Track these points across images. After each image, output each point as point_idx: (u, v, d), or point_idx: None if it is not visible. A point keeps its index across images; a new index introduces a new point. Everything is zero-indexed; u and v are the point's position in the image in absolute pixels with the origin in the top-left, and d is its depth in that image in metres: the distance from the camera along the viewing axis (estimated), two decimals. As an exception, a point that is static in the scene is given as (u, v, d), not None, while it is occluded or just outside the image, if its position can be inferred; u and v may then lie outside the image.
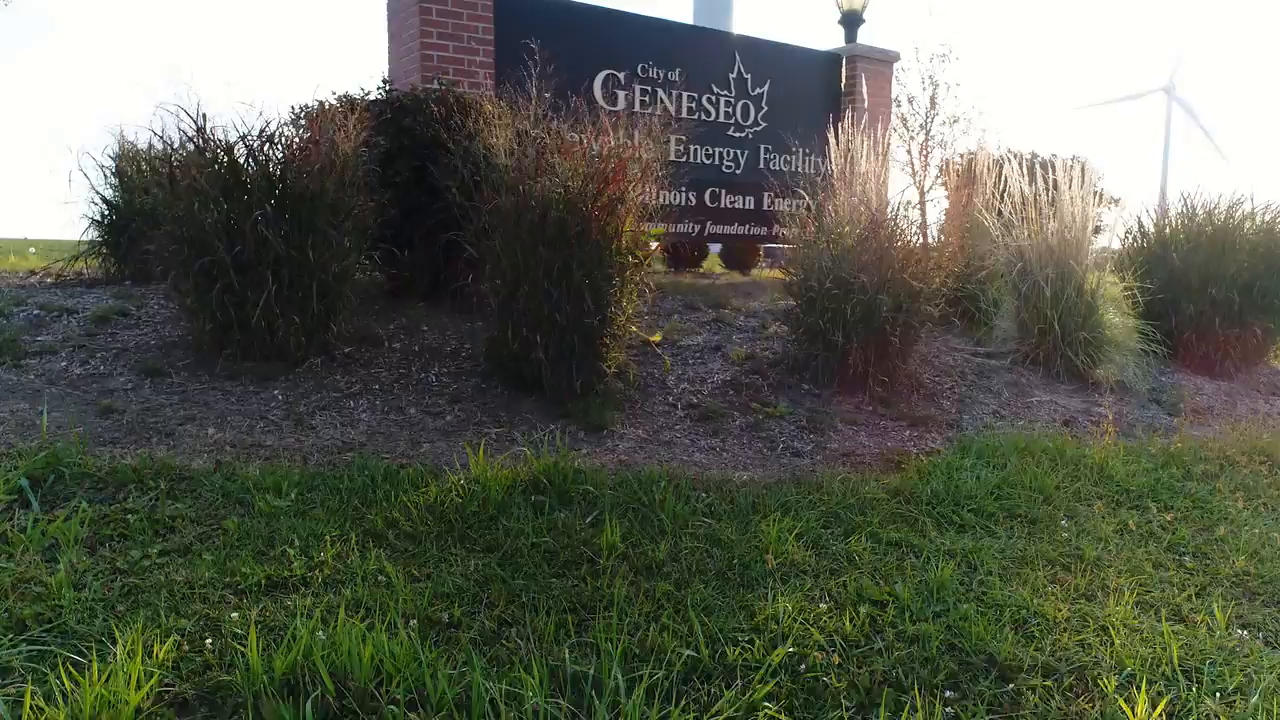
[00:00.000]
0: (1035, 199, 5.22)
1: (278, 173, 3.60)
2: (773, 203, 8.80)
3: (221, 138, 3.74)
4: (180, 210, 3.57)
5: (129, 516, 2.51)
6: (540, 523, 2.66)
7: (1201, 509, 3.25)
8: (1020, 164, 5.88)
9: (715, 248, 10.83)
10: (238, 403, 3.57)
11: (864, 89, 6.84)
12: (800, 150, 8.96)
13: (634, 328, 4.04)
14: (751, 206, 8.66)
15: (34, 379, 3.68)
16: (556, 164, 3.60)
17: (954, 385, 4.73)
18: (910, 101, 11.10)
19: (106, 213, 5.46)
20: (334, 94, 5.17)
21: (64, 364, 3.84)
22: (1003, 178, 5.71)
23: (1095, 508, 3.15)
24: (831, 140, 5.73)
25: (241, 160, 3.61)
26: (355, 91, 5.19)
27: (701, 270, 9.76)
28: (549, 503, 2.79)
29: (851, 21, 9.18)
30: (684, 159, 8.14)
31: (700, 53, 8.20)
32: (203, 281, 3.61)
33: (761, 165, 8.66)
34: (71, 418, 3.31)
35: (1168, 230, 6.24)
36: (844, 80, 9.13)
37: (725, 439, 3.75)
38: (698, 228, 8.31)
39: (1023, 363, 5.17)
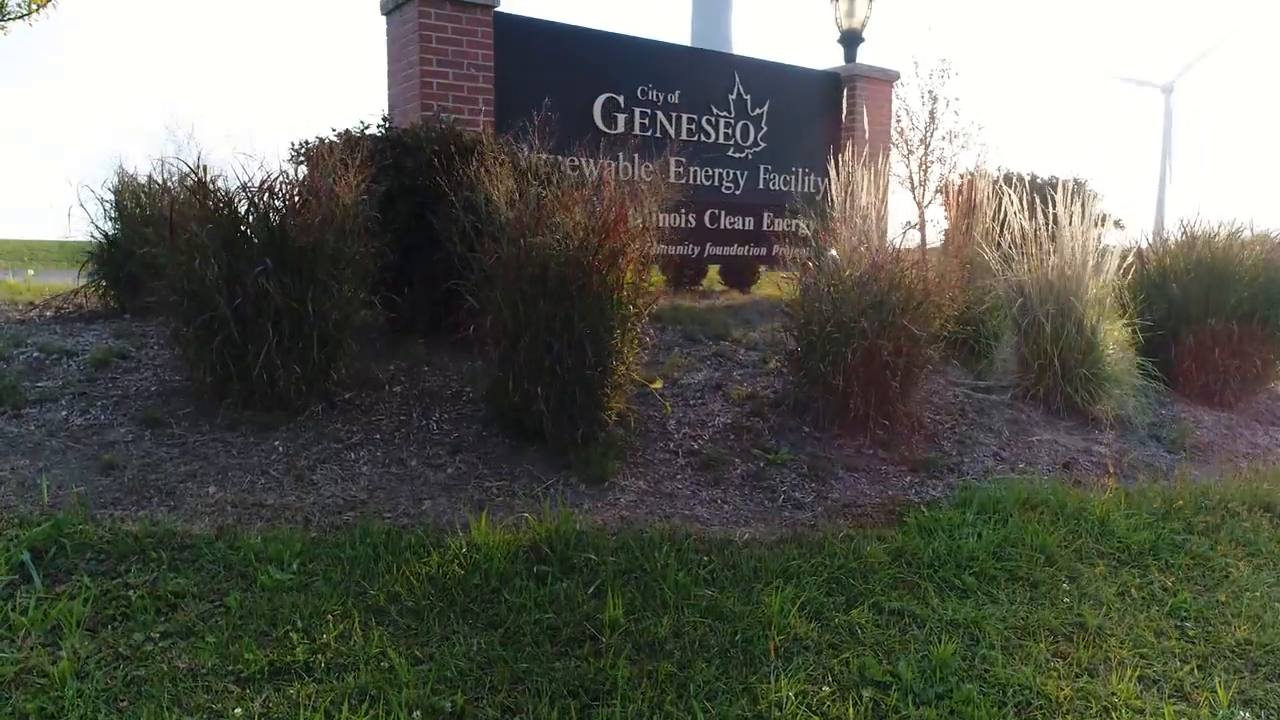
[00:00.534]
0: (1035, 234, 5.22)
1: (278, 224, 3.58)
2: (772, 223, 8.81)
3: (222, 186, 3.73)
4: (180, 261, 3.56)
5: (131, 593, 2.51)
6: (542, 594, 2.66)
7: (1203, 567, 3.25)
8: (1019, 190, 5.88)
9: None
10: (239, 455, 3.57)
11: (864, 117, 6.83)
12: (800, 170, 8.97)
13: (635, 374, 4.03)
14: (751, 227, 8.67)
15: (34, 430, 3.67)
16: (558, 218, 3.59)
17: (954, 424, 4.73)
18: (910, 116, 11.10)
19: (106, 247, 5.44)
20: (334, 130, 5.17)
21: (64, 413, 3.83)
22: (1001, 209, 5.71)
23: (1097, 568, 3.15)
24: (832, 172, 5.73)
25: (242, 211, 3.61)
26: (356, 120, 5.18)
27: (701, 288, 9.74)
28: (551, 572, 2.79)
29: (851, 40, 9.18)
30: (683, 180, 8.12)
31: (700, 74, 8.20)
32: (203, 334, 3.61)
33: (761, 185, 8.67)
34: (73, 474, 3.30)
35: (1167, 260, 6.24)
36: (844, 99, 9.13)
37: (726, 489, 3.75)
38: (698, 249, 8.32)
39: (1023, 398, 5.18)
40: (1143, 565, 3.23)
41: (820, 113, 9.04)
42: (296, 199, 3.60)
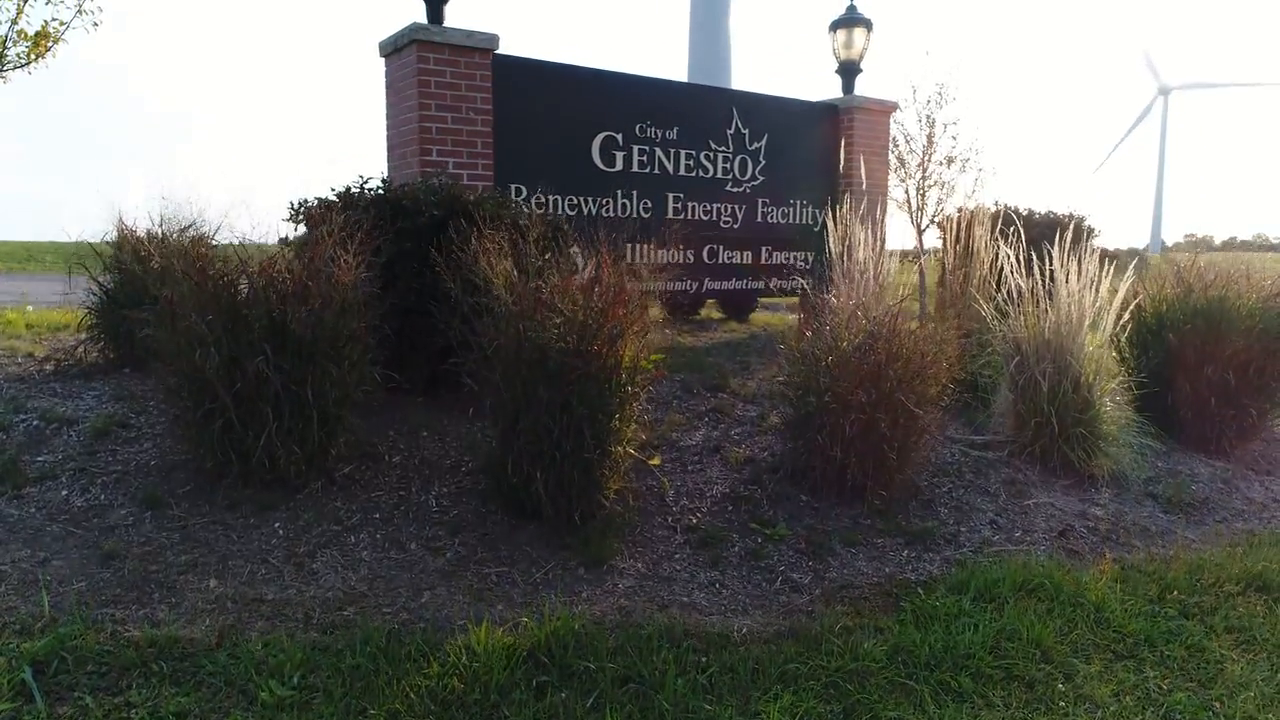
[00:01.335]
0: (1033, 292, 5.24)
1: (279, 310, 3.59)
2: (770, 256, 8.83)
3: (220, 267, 3.75)
4: (180, 348, 3.57)
5: (133, 713, 2.52)
6: (541, 708, 2.68)
7: (1198, 659, 3.28)
8: (1017, 235, 5.90)
9: (713, 290, 10.81)
10: (239, 541, 3.58)
11: (862, 167, 6.83)
12: (798, 202, 8.99)
13: (633, 450, 4.05)
14: (749, 261, 8.69)
15: (35, 513, 3.69)
16: (557, 304, 3.60)
17: (951, 488, 4.75)
18: (907, 141, 11.09)
19: (104, 301, 5.46)
20: (333, 190, 5.19)
21: (65, 492, 3.85)
22: (998, 260, 5.72)
23: (1093, 665, 3.17)
24: (829, 224, 5.75)
25: (242, 294, 3.62)
26: (355, 173, 5.21)
27: (699, 318, 9.78)
28: (550, 682, 2.81)
29: (849, 71, 9.18)
30: (681, 216, 8.15)
31: (698, 110, 8.22)
32: (203, 420, 3.62)
33: (759, 219, 8.69)
34: (73, 567, 3.32)
35: (1164, 307, 6.26)
36: (842, 131, 9.15)
37: (724, 570, 3.77)
38: (696, 285, 8.33)
39: (1019, 454, 5.20)
40: (1138, 658, 3.26)
41: (818, 144, 9.06)
42: (295, 286, 3.61)
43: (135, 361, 5.32)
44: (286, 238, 4.90)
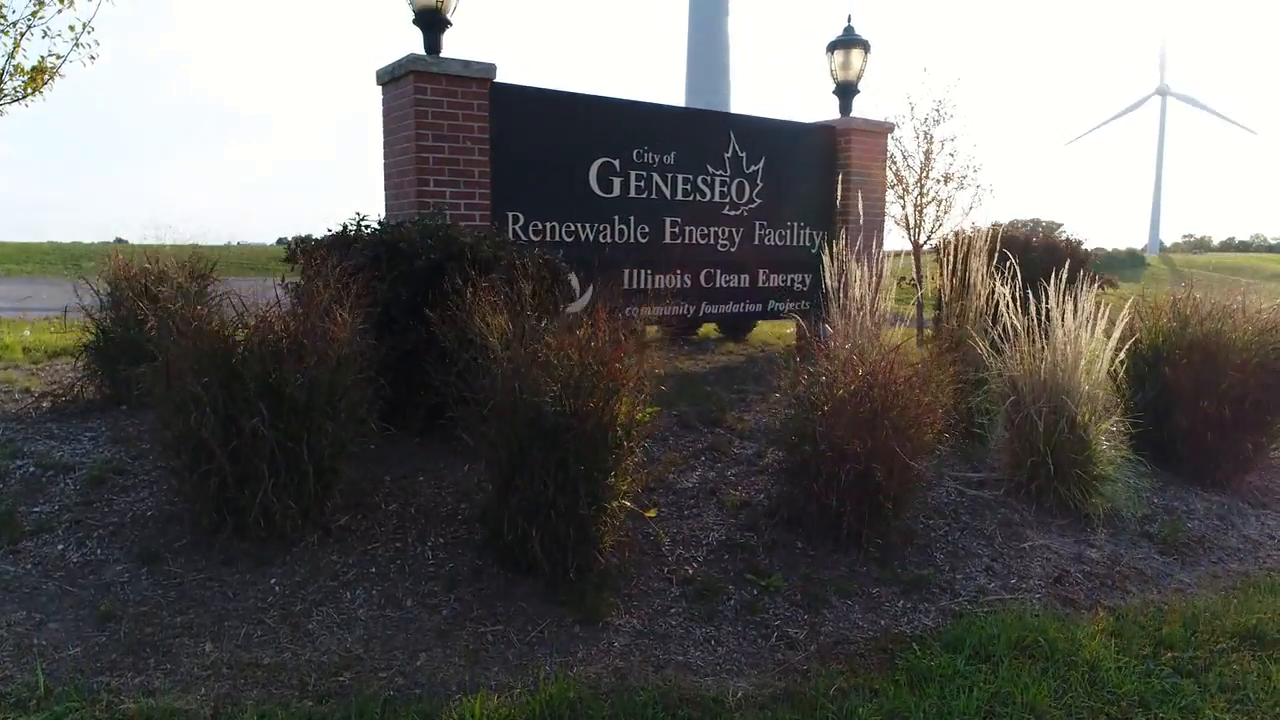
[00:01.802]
0: (1029, 332, 5.24)
1: (274, 369, 3.60)
2: (768, 278, 8.83)
3: (216, 322, 3.75)
4: (176, 407, 3.58)
5: (128, 797, 2.53)
6: (536, 786, 2.69)
7: (1191, 721, 3.29)
8: (1014, 257, 5.91)
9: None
10: (235, 598, 3.59)
11: (859, 201, 6.83)
12: (795, 224, 9.00)
13: (629, 503, 4.05)
14: (747, 284, 8.70)
15: (31, 570, 3.70)
16: (553, 364, 3.60)
17: (947, 530, 4.76)
18: (905, 158, 11.11)
19: (101, 339, 5.46)
20: (329, 229, 5.19)
21: (60, 547, 3.85)
22: (995, 296, 5.72)
23: (1086, 731, 3.18)
24: (826, 260, 5.75)
25: (238, 353, 3.62)
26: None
27: (697, 337, 9.77)
28: (545, 758, 2.81)
29: (846, 92, 9.19)
30: (679, 240, 8.16)
31: (695, 135, 8.22)
32: (200, 479, 3.63)
33: (757, 241, 8.70)
34: (69, 629, 3.33)
35: (1160, 339, 6.27)
36: (839, 152, 9.15)
37: (720, 625, 3.78)
38: (694, 309, 8.34)
39: (1015, 493, 5.21)
40: (1131, 721, 3.27)
41: (816, 165, 9.07)
42: (290, 344, 3.61)
43: (132, 398, 5.33)
44: (284, 278, 4.91)
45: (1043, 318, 5.30)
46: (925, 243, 11.22)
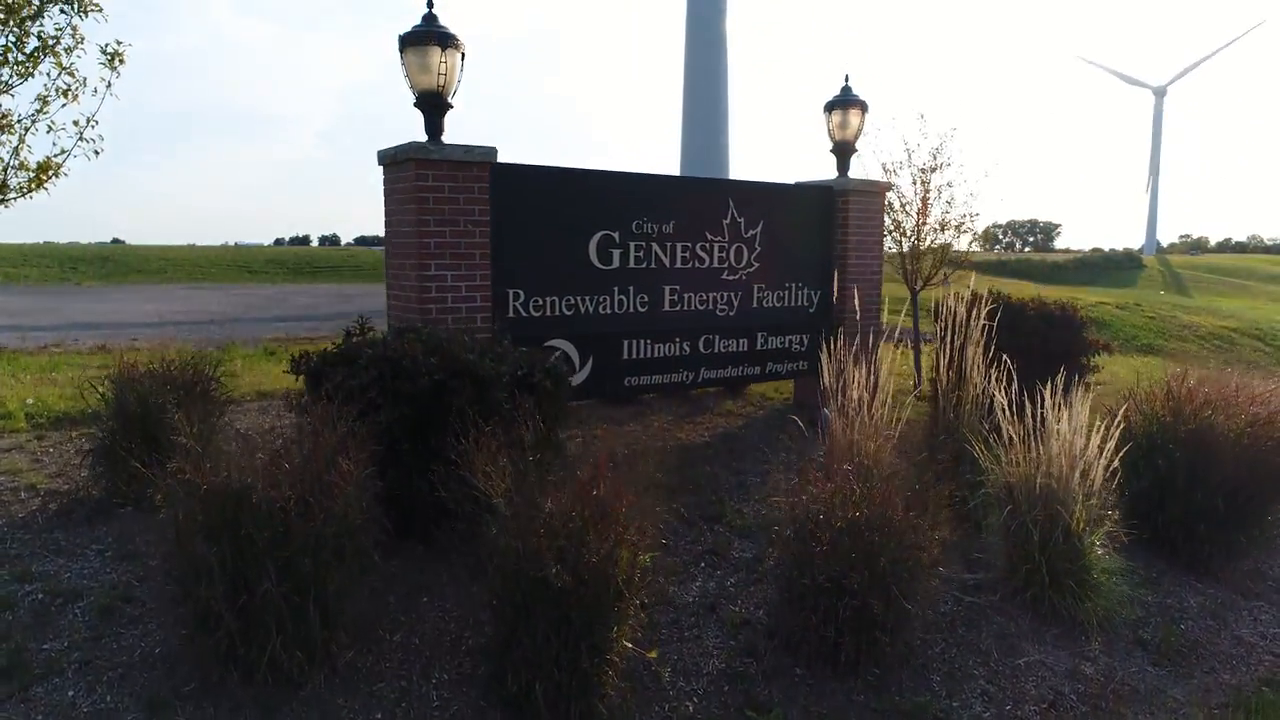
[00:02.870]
0: (1025, 439, 5.31)
1: (282, 527, 3.66)
2: (766, 341, 8.89)
3: (224, 481, 3.80)
4: (183, 569, 3.64)
5: None
6: None
7: None
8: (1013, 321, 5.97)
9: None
10: (243, 754, 3.65)
11: (857, 301, 6.88)
12: (793, 285, 9.07)
13: (630, 645, 4.11)
14: (745, 348, 8.77)
15: (42, 720, 3.76)
16: (554, 529, 3.66)
17: (944, 646, 4.83)
18: (904, 206, 11.16)
19: (107, 442, 5.52)
20: (332, 344, 5.24)
21: (70, 693, 3.90)
22: (989, 391, 5.78)
23: None
24: (824, 358, 5.81)
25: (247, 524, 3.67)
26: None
27: (695, 394, 9.82)
28: None
29: (844, 151, 9.26)
30: (678, 308, 8.23)
31: (693, 203, 8.29)
32: (206, 635, 3.69)
33: (755, 304, 8.77)
34: (81, 797, 3.39)
35: (1155, 428, 6.34)
36: (837, 213, 9.20)
37: (720, 772, 3.85)
38: (692, 375, 8.42)
39: (1011, 599, 5.28)
40: None
41: (813, 225, 9.13)
42: (297, 502, 3.67)
43: (136, 499, 5.39)
44: (288, 393, 4.96)
45: (1038, 421, 5.36)
46: (922, 288, 11.28)
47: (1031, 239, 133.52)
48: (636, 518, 3.90)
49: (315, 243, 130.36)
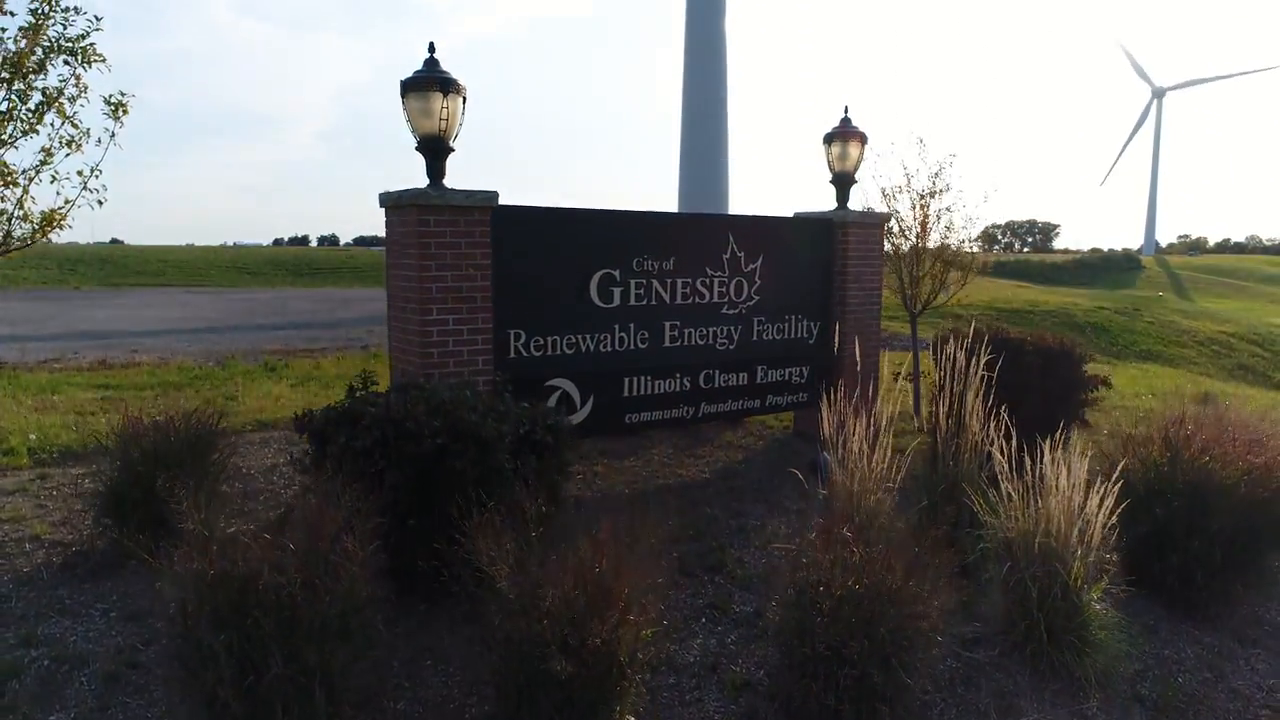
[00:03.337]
0: (1024, 495, 5.34)
1: (288, 614, 3.69)
2: (765, 374, 8.93)
3: (233, 568, 3.83)
4: (190, 659, 3.67)
5: None
6: None
7: None
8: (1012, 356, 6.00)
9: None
10: (250, 835, 3.69)
11: (858, 352, 6.91)
12: (793, 317, 9.09)
13: (631, 717, 4.15)
14: (745, 382, 8.80)
15: (50, 802, 3.80)
16: (555, 612, 3.70)
17: (943, 708, 4.87)
18: (904, 231, 11.19)
19: (110, 497, 5.56)
20: (332, 406, 5.27)
21: (79, 771, 3.95)
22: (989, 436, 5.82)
23: None
24: (823, 410, 5.85)
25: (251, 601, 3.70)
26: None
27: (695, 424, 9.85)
28: None
29: (843, 182, 9.27)
30: (679, 343, 8.25)
31: (693, 239, 8.32)
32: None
33: (754, 337, 8.80)
34: None
35: (1152, 475, 6.38)
36: (836, 246, 9.23)
37: None
38: (692, 410, 8.44)
39: (1010, 654, 5.32)
40: None
41: (813, 257, 9.15)
42: (304, 591, 3.70)
43: (142, 556, 5.42)
44: (291, 454, 4.99)
45: (1037, 477, 5.40)
46: (921, 312, 11.31)
47: (1030, 239, 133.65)
48: (639, 597, 3.94)
49: (314, 243, 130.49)
